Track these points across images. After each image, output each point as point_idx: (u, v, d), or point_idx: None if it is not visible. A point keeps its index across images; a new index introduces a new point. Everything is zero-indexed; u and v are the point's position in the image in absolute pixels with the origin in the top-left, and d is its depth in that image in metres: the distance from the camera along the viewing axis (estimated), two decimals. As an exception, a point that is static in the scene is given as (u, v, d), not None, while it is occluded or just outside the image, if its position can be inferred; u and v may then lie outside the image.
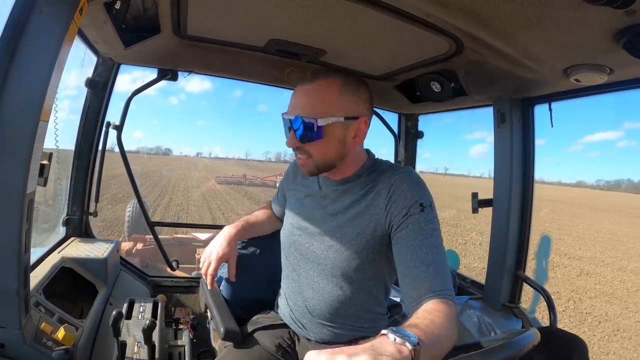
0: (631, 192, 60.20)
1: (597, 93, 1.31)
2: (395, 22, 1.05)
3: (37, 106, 0.76)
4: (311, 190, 1.08)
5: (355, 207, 0.96)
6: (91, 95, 1.61)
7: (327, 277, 1.00)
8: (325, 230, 1.00)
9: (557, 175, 72.78)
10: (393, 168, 0.98)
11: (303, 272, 1.05)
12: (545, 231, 2.80)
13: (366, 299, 1.02)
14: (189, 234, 5.88)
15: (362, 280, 0.99)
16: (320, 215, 1.02)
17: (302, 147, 0.94)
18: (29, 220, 0.82)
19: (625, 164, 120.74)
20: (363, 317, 1.04)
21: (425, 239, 0.85)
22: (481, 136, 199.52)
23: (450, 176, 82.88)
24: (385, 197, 0.92)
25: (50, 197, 1.65)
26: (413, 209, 0.88)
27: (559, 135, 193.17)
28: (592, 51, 0.99)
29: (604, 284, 7.85)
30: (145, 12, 1.22)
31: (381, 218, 0.92)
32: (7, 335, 0.80)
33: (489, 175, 15.97)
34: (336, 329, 1.03)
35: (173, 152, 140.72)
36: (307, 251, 1.03)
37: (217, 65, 1.60)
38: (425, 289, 0.79)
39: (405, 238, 0.87)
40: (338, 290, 0.99)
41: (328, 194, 1.03)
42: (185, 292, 1.88)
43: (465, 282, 1.86)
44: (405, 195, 0.89)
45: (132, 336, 1.14)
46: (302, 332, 1.07)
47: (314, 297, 1.02)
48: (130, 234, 6.12)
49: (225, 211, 12.87)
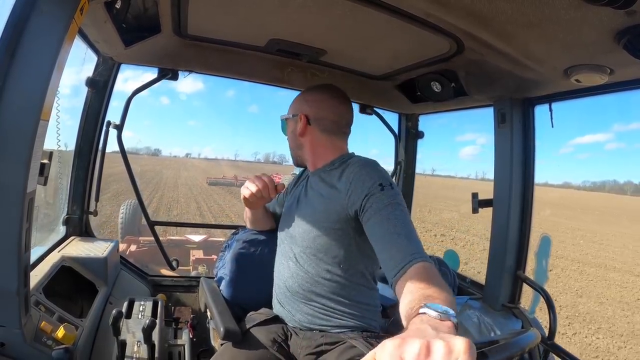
0: (615, 192, 60.67)
1: (598, 93, 1.30)
2: (395, 22, 1.05)
3: (37, 105, 0.76)
4: (299, 188, 1.25)
5: (324, 192, 1.10)
6: (91, 95, 1.61)
7: (301, 256, 1.10)
8: (301, 213, 1.14)
9: (544, 177, 74.27)
10: (355, 159, 1.10)
11: (284, 255, 1.17)
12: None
13: (340, 284, 1.07)
14: (182, 235, 5.88)
15: (333, 263, 1.07)
16: (301, 202, 1.18)
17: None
18: (29, 219, 0.82)
19: (614, 166, 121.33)
20: (340, 302, 1.08)
21: (390, 212, 0.92)
22: (472, 138, 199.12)
23: (439, 177, 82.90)
24: (346, 183, 1.02)
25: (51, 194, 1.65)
26: (373, 189, 0.96)
27: (550, 137, 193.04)
28: (593, 51, 0.99)
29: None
30: (145, 12, 1.21)
31: (344, 202, 1.02)
32: (7, 334, 0.80)
33: (475, 176, 16.00)
34: (315, 310, 1.08)
35: (162, 153, 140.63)
36: (288, 235, 1.17)
37: (218, 65, 1.60)
38: (402, 256, 0.84)
39: (373, 217, 0.94)
40: (310, 268, 1.09)
41: (309, 184, 1.19)
42: (185, 292, 1.88)
43: (465, 282, 1.85)
44: (364, 180, 0.99)
45: (132, 335, 1.14)
46: (287, 315, 1.13)
47: (291, 275, 1.12)
48: (123, 235, 6.06)
49: (212, 208, 13.37)
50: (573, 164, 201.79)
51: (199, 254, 5.20)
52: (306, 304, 1.09)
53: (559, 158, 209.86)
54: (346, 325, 1.07)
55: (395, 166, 2.23)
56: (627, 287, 7.74)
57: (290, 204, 1.24)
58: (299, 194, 1.22)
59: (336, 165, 1.13)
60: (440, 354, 0.40)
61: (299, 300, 1.11)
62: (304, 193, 1.20)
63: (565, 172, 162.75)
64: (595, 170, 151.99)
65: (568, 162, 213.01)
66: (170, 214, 11.85)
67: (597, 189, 71.10)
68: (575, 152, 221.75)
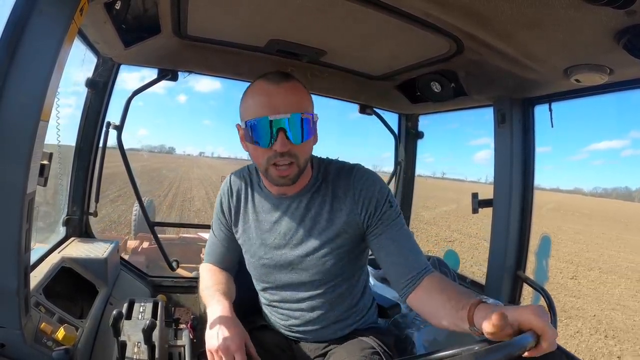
0: (622, 199, 61.26)
1: (598, 93, 1.30)
2: (395, 22, 1.05)
3: (37, 106, 0.76)
4: (269, 214, 1.02)
5: (322, 212, 0.97)
6: (91, 96, 1.61)
7: (311, 285, 1.01)
8: (300, 240, 0.98)
9: (556, 182, 74.38)
10: (345, 169, 0.99)
11: (289, 292, 1.03)
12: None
13: (353, 295, 1.07)
14: (195, 233, 5.90)
15: (347, 279, 1.03)
16: (290, 228, 0.99)
17: (290, 151, 0.86)
18: (29, 220, 0.82)
19: (627, 173, 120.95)
20: (355, 311, 1.08)
21: (400, 228, 0.95)
22: (486, 142, 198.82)
23: (447, 180, 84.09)
24: (354, 197, 0.94)
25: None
26: (385, 206, 0.95)
27: (565, 143, 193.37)
28: (593, 51, 0.99)
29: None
30: (145, 12, 1.21)
31: (355, 217, 0.95)
32: (7, 335, 0.80)
33: (485, 180, 17.42)
34: (328, 329, 1.06)
35: (176, 151, 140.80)
36: (285, 266, 1.01)
37: (217, 66, 1.60)
38: (416, 268, 0.90)
39: (385, 231, 0.94)
40: (328, 295, 1.01)
41: (289, 211, 0.99)
42: (185, 292, 1.88)
43: (465, 282, 1.85)
44: (373, 193, 0.94)
45: (132, 336, 1.14)
46: (298, 337, 1.09)
47: (308, 311, 1.03)
48: (136, 232, 6.24)
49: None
50: (587, 171, 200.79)
51: (210, 252, 5.21)
52: (327, 327, 1.05)
53: (573, 164, 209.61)
54: (355, 329, 1.08)
55: (395, 166, 2.23)
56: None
57: (264, 235, 1.02)
58: (274, 223, 1.00)
59: (320, 178, 1.00)
60: (547, 316, 0.62)
61: (318, 327, 1.05)
62: (287, 217, 0.99)
63: (577, 178, 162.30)
64: (608, 177, 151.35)
65: (582, 169, 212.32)
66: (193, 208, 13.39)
67: (607, 195, 71.66)
68: (590, 159, 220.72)
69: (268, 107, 0.85)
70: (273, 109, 0.85)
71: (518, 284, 1.58)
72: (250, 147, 0.91)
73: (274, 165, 0.88)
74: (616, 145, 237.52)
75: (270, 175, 0.91)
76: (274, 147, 0.86)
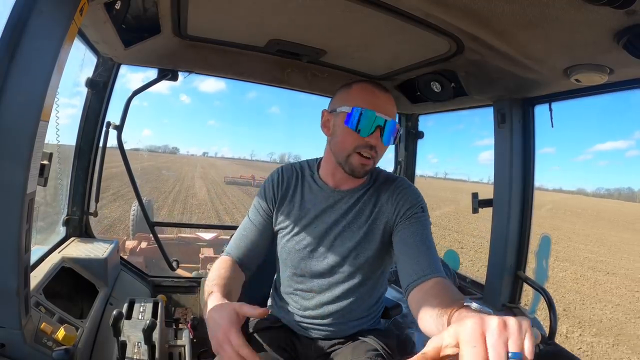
0: (625, 200, 61.37)
1: (598, 93, 1.30)
2: (395, 22, 1.05)
3: (37, 106, 0.76)
4: (317, 204, 1.06)
5: (365, 210, 1.04)
6: (91, 96, 1.61)
7: (340, 277, 1.05)
8: (340, 232, 1.04)
9: (559, 183, 74.04)
10: (392, 178, 1.09)
11: (317, 281, 1.07)
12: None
13: (373, 295, 1.11)
14: (193, 233, 5.90)
15: (372, 277, 1.07)
16: (335, 219, 1.05)
17: (377, 147, 0.97)
18: (29, 220, 0.82)
19: (631, 173, 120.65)
20: (366, 309, 1.11)
21: (424, 229, 0.98)
22: (490, 143, 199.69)
23: (450, 180, 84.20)
24: (393, 202, 1.02)
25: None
26: (416, 209, 1.00)
27: (569, 144, 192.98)
28: (593, 51, 0.99)
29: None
30: (145, 12, 1.21)
31: (390, 219, 1.02)
32: (7, 335, 0.80)
33: (488, 180, 17.57)
34: (342, 325, 1.08)
35: (180, 151, 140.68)
36: (320, 254, 1.05)
37: (217, 66, 1.60)
38: (428, 265, 0.89)
39: (409, 227, 0.97)
40: (355, 292, 1.06)
41: (338, 204, 1.05)
42: (185, 292, 1.88)
43: (465, 282, 1.85)
44: (410, 199, 1.01)
45: (132, 336, 1.14)
46: (307, 333, 1.10)
47: (330, 303, 1.06)
48: (134, 232, 6.20)
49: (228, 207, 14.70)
50: (592, 172, 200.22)
51: (209, 252, 5.13)
52: (338, 323, 1.08)
53: (577, 165, 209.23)
54: (360, 328, 1.11)
55: (395, 166, 2.23)
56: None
57: (306, 226, 1.06)
58: (320, 217, 1.05)
59: (371, 181, 1.08)
60: (515, 328, 0.49)
61: (333, 322, 1.07)
62: (331, 214, 1.05)
63: (581, 179, 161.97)
64: (612, 178, 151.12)
65: (586, 170, 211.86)
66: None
67: (609, 195, 71.71)
68: (595, 159, 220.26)
69: (376, 105, 0.95)
70: (380, 108, 0.95)
71: (518, 284, 1.58)
72: (342, 131, 0.98)
73: (358, 153, 0.97)
74: (621, 146, 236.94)
75: (351, 161, 0.98)
76: (368, 139, 0.95)
